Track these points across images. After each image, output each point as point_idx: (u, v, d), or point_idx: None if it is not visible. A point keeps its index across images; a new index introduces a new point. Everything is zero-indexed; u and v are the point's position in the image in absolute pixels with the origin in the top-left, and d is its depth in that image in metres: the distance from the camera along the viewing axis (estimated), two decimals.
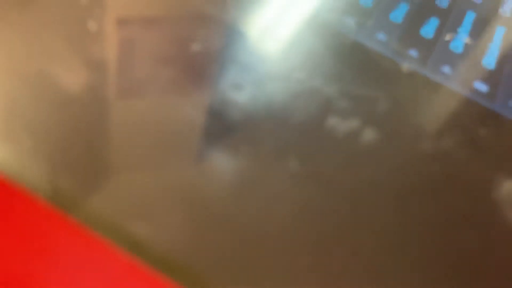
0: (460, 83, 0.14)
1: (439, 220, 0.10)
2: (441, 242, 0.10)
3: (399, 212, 0.10)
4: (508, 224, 0.11)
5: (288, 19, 0.14)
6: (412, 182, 0.11)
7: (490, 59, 0.15)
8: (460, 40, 0.15)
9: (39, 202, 0.09)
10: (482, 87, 0.14)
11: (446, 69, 0.14)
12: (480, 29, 0.16)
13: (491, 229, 0.11)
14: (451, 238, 0.10)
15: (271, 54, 0.13)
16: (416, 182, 0.11)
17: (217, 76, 0.12)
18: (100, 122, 0.10)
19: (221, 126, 0.11)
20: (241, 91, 0.11)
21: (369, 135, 0.12)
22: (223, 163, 0.10)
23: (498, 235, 0.10)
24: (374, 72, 0.13)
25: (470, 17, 0.16)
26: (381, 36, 0.14)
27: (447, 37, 0.15)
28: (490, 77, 0.14)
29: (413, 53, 0.14)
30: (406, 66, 0.14)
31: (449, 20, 0.15)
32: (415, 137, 0.12)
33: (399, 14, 0.15)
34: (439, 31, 0.15)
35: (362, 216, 0.10)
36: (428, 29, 0.15)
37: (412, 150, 0.12)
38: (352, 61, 0.13)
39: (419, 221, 0.10)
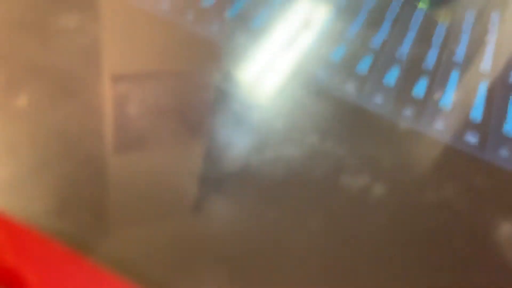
0: (452, 137, 0.15)
1: (446, 264, 0.12)
2: (449, 286, 0.11)
3: (412, 260, 0.11)
4: (510, 265, 0.12)
5: (291, 87, 0.15)
6: (420, 231, 0.12)
7: (476, 112, 0.16)
8: (448, 97, 0.17)
9: (53, 244, 0.10)
10: (473, 139, 0.15)
11: (439, 125, 0.15)
12: (465, 86, 0.17)
13: (495, 270, 0.12)
14: (459, 282, 0.11)
15: (260, 104, 0.14)
16: (423, 230, 0.12)
17: (214, 129, 0.13)
18: (106, 175, 0.12)
19: (220, 176, 0.12)
20: (260, 152, 0.13)
21: (378, 190, 0.13)
22: (225, 214, 0.11)
23: (502, 275, 0.12)
24: (376, 132, 0.15)
25: (454, 76, 0.18)
26: (378, 99, 0.16)
27: (436, 96, 0.16)
28: (479, 130, 0.16)
29: (407, 112, 0.16)
30: (403, 125, 0.15)
31: (436, 80, 0.17)
32: (419, 189, 0.13)
33: (391, 78, 0.17)
34: (429, 91, 0.17)
35: (377, 265, 0.11)
36: (419, 90, 0.17)
37: (417, 201, 0.13)
38: (355, 124, 0.15)
39: (429, 266, 0.11)
